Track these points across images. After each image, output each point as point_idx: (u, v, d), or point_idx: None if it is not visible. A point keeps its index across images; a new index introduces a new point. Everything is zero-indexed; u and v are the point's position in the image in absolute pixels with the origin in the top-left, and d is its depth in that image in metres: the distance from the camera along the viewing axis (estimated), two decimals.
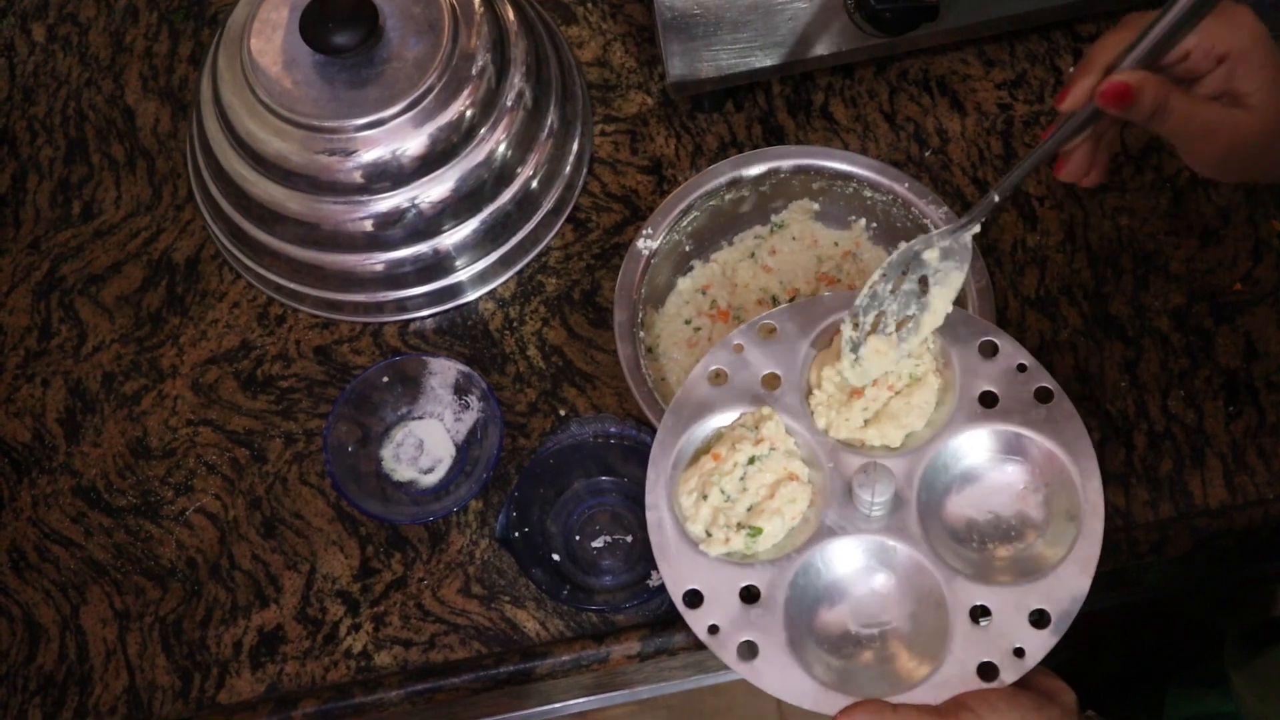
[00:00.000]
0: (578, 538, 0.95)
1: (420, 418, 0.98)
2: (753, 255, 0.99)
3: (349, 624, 0.93)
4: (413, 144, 0.94)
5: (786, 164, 0.96)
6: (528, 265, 1.02)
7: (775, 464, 0.81)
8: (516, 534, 0.90)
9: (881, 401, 0.82)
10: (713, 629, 0.77)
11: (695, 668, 1.20)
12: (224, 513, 0.97)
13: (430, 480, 0.97)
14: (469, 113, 0.96)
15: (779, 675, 0.76)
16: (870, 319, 0.83)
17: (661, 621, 0.91)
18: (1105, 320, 0.97)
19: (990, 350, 0.82)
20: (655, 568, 0.91)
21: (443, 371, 0.96)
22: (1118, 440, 0.93)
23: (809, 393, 0.83)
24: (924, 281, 0.83)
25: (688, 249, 0.98)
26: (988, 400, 0.81)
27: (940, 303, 0.83)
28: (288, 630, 0.94)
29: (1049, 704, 0.75)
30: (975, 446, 0.81)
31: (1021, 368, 0.82)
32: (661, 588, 0.89)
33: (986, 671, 0.75)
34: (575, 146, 1.04)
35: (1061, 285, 0.98)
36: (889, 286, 0.82)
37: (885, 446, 0.81)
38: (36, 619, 0.95)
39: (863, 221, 0.99)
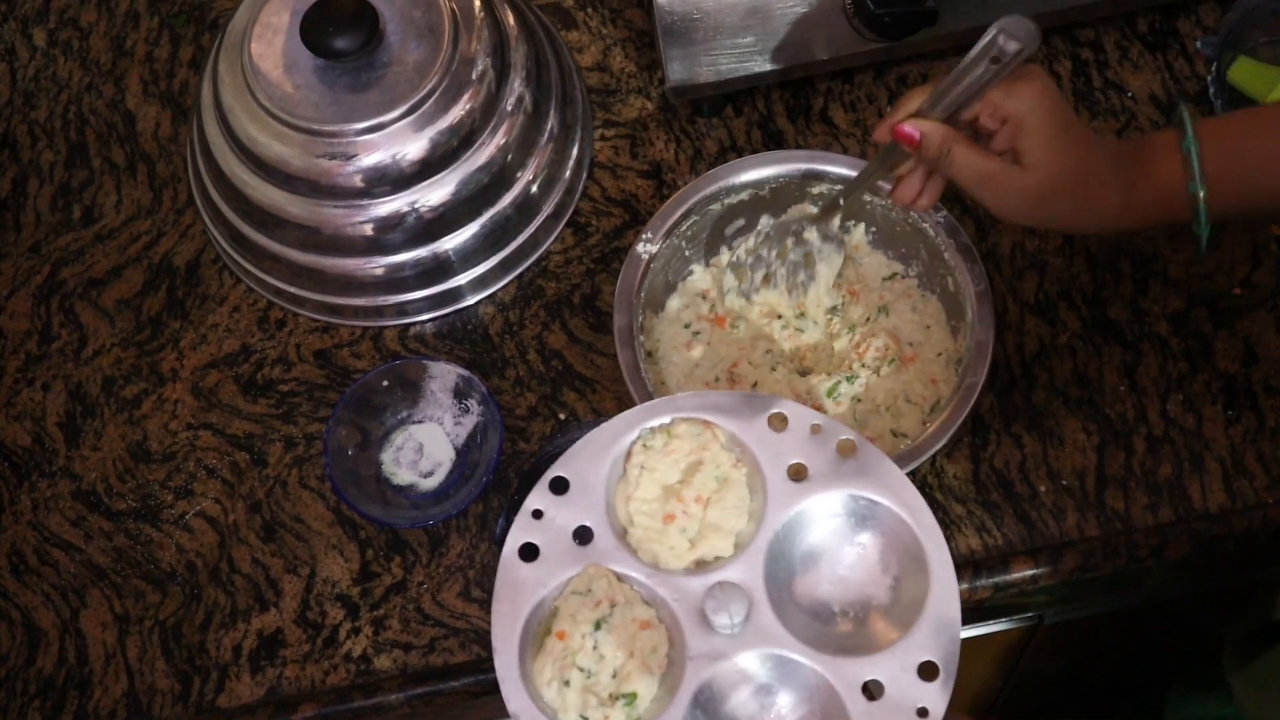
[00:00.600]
0: None
1: (420, 421, 0.98)
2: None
3: (349, 628, 0.93)
4: (413, 148, 0.94)
5: (788, 169, 0.96)
6: (528, 269, 1.03)
7: (622, 619, 0.77)
8: None
9: (697, 518, 0.79)
10: None
11: None
12: (224, 516, 0.97)
13: (430, 484, 0.97)
14: (469, 117, 0.96)
15: None
16: (759, 276, 0.97)
17: None
18: (1104, 324, 0.97)
19: (780, 421, 0.80)
20: None
21: (443, 375, 0.96)
22: (1117, 445, 0.94)
23: (624, 532, 0.79)
24: (809, 255, 0.96)
25: (687, 253, 0.98)
26: (797, 473, 0.79)
27: (826, 275, 0.97)
28: (287, 634, 0.94)
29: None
30: (803, 523, 0.79)
31: (815, 428, 0.79)
32: None
33: None
34: (575, 151, 1.04)
35: (1061, 289, 0.98)
36: (774, 252, 0.96)
37: (718, 559, 0.78)
38: (36, 622, 0.95)
39: (862, 226, 0.99)
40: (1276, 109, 0.86)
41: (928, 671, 0.74)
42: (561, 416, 0.98)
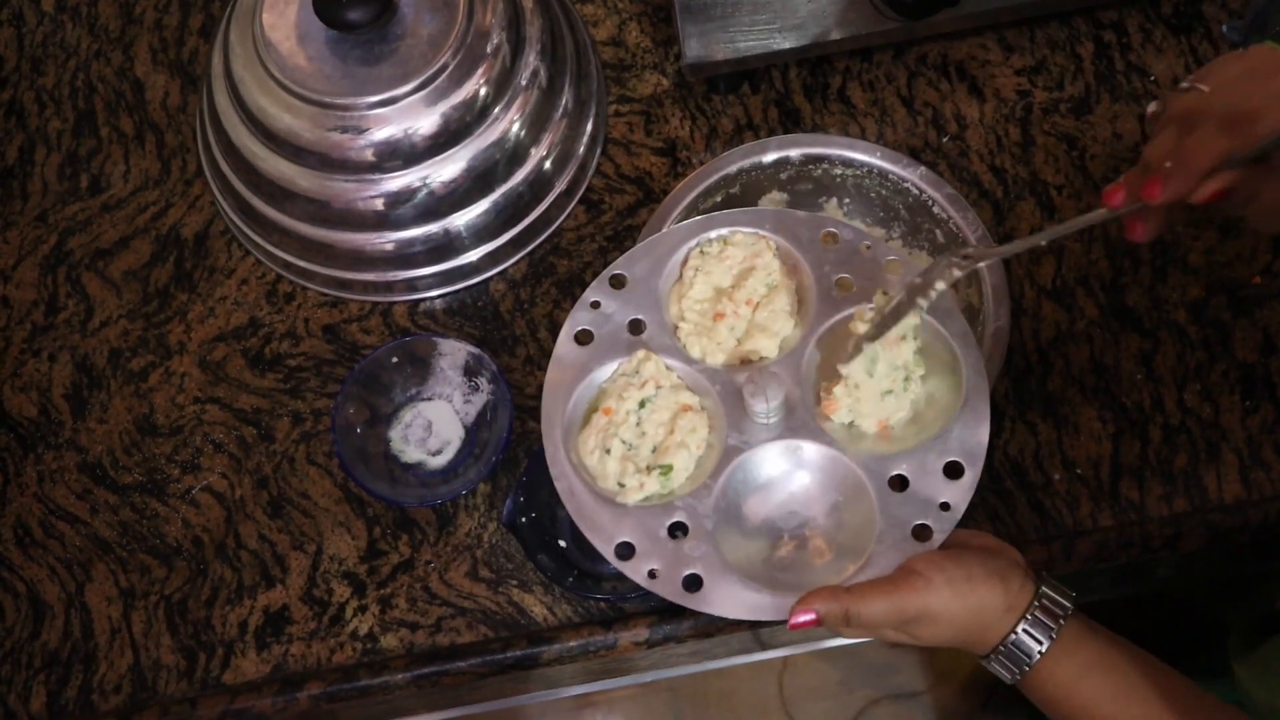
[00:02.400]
0: None
1: (429, 399, 0.97)
2: None
3: (355, 605, 0.93)
4: (425, 122, 0.93)
5: (758, 160, 0.96)
6: (539, 246, 1.01)
7: (666, 401, 0.82)
8: (524, 519, 0.90)
9: (745, 318, 0.84)
10: (652, 574, 0.78)
11: (703, 655, 1.19)
12: (230, 492, 0.96)
13: (438, 462, 0.96)
14: (483, 91, 0.95)
15: (729, 598, 0.77)
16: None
17: (671, 609, 0.91)
18: (1122, 312, 0.96)
19: (832, 239, 0.85)
20: None
21: (452, 353, 0.95)
22: (1133, 433, 0.93)
23: (675, 328, 0.84)
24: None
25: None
26: (844, 286, 0.84)
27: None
28: (293, 611, 0.93)
29: (995, 556, 0.76)
30: (839, 333, 0.83)
31: (866, 248, 0.84)
32: None
33: (921, 533, 0.77)
34: (589, 127, 1.03)
35: (1079, 275, 0.97)
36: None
37: (763, 359, 0.83)
38: (41, 596, 0.95)
39: (834, 201, 0.98)
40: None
41: (954, 471, 0.78)
42: None
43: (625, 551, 0.78)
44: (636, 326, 0.84)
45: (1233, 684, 1.00)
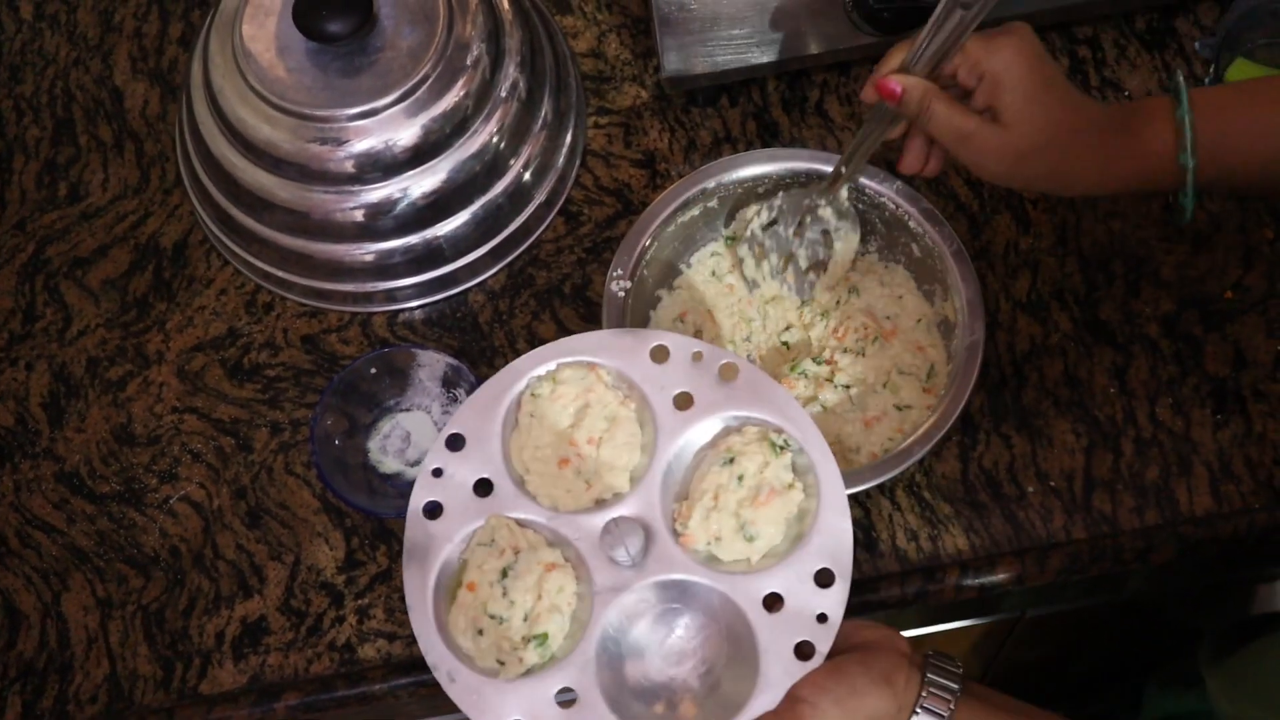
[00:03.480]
0: None
1: (408, 410, 0.98)
2: (714, 274, 0.99)
3: (333, 616, 0.93)
4: (405, 134, 0.94)
5: (736, 175, 0.95)
6: (518, 258, 1.02)
7: (528, 564, 0.79)
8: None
9: (591, 459, 0.81)
10: None
11: None
12: (208, 501, 0.97)
13: (417, 473, 0.96)
14: (463, 103, 0.95)
15: None
16: (778, 258, 0.95)
17: None
18: (1095, 325, 0.97)
19: (663, 354, 0.82)
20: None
21: (431, 364, 0.95)
22: (1105, 447, 0.94)
23: (522, 480, 0.81)
24: (826, 235, 0.94)
25: (651, 281, 0.96)
26: (683, 401, 0.81)
27: (845, 253, 0.95)
28: (271, 621, 0.93)
29: (876, 657, 0.75)
30: (693, 450, 0.81)
31: (696, 356, 0.81)
32: None
33: (803, 649, 0.75)
34: (569, 139, 1.03)
35: (1053, 289, 0.98)
36: (790, 231, 0.94)
37: (617, 495, 0.80)
38: (17, 605, 0.95)
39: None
40: (1268, 82, 0.85)
41: (824, 578, 0.76)
42: None
43: None
44: (483, 487, 0.80)
45: (1205, 691, 1.02)
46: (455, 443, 0.81)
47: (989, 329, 0.95)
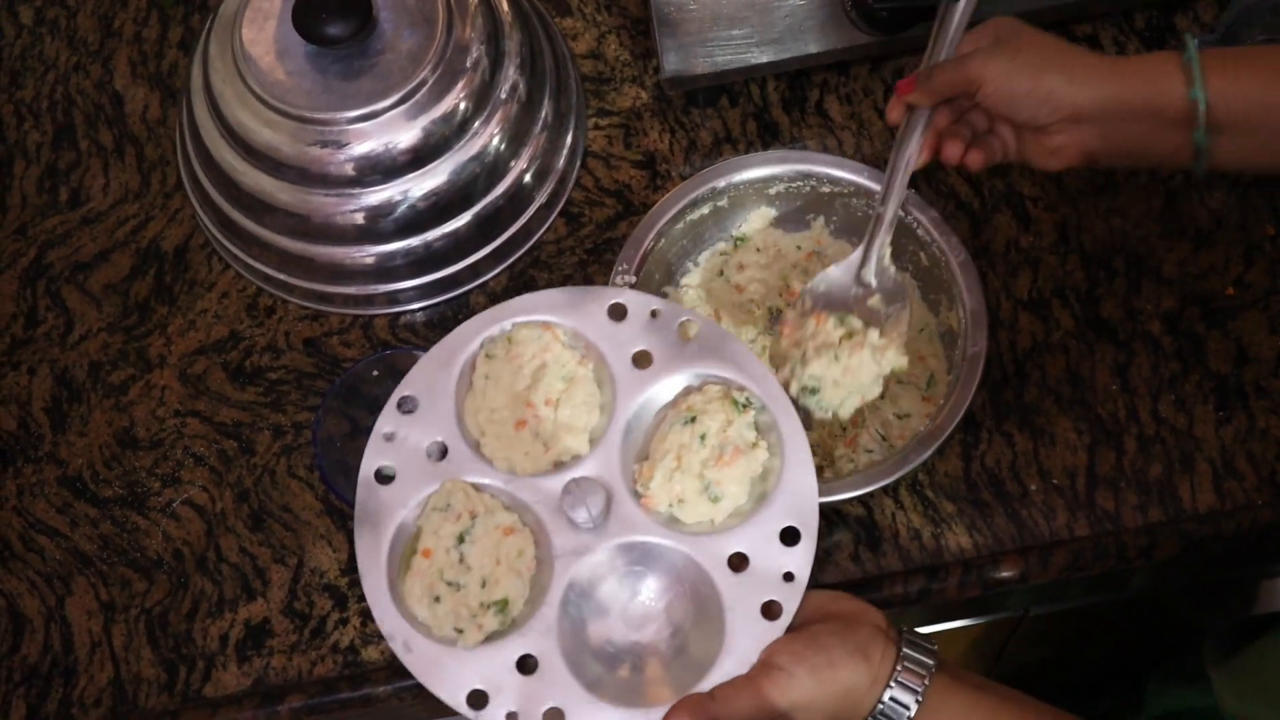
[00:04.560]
0: None
1: (410, 412, 0.97)
2: (721, 273, 0.98)
3: (336, 618, 0.93)
4: (405, 137, 0.94)
5: (745, 176, 0.95)
6: (520, 259, 1.02)
7: (485, 528, 0.78)
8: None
9: (549, 420, 0.80)
10: (511, 716, 0.74)
11: None
12: (211, 505, 0.97)
13: None
14: (463, 106, 0.95)
15: None
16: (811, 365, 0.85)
17: None
18: (1097, 323, 0.97)
19: (619, 312, 0.82)
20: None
21: None
22: (1108, 444, 0.94)
23: (477, 444, 0.80)
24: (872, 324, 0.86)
25: (657, 278, 0.96)
26: (642, 359, 0.81)
27: (899, 341, 0.85)
28: (274, 624, 0.93)
29: (852, 629, 0.75)
30: (652, 409, 0.81)
31: (654, 314, 0.81)
32: None
33: (770, 609, 0.75)
34: (569, 140, 1.03)
35: (1054, 287, 0.98)
36: (816, 335, 0.85)
37: (575, 456, 0.80)
38: (21, 610, 0.95)
39: (821, 219, 0.99)
40: (1273, 48, 0.86)
41: (789, 537, 0.76)
42: None
43: (478, 700, 0.75)
44: (438, 451, 0.79)
45: (1208, 688, 1.02)
46: (407, 404, 0.80)
47: (991, 329, 0.95)
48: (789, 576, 0.75)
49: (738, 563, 0.76)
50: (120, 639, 0.94)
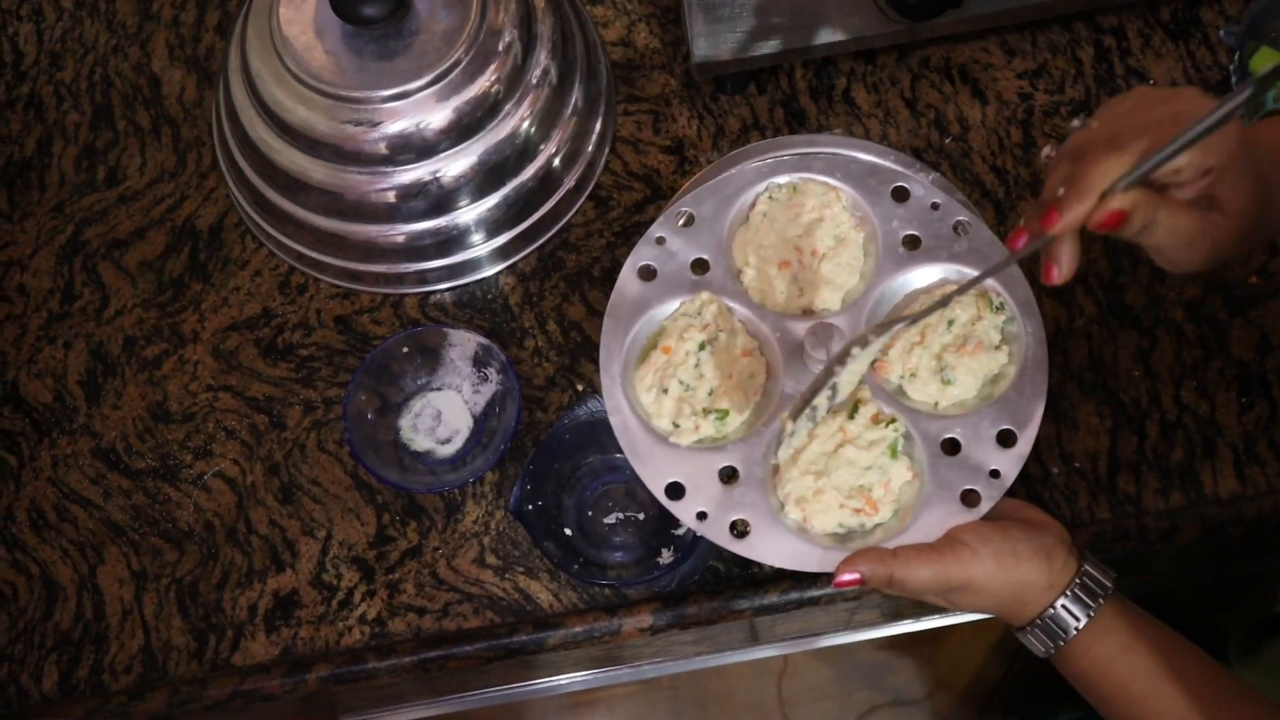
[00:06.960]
0: (590, 513, 0.96)
1: (439, 389, 0.99)
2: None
3: (364, 590, 0.94)
4: (437, 117, 0.95)
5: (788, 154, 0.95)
6: (549, 241, 1.03)
7: (727, 345, 0.82)
8: (530, 507, 0.91)
9: (811, 269, 0.84)
10: (701, 515, 0.78)
11: (708, 643, 1.21)
12: (242, 478, 0.98)
13: (447, 451, 0.98)
14: (494, 88, 0.96)
15: (775, 546, 0.78)
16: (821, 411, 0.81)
17: (674, 596, 0.92)
18: (1120, 309, 0.98)
19: (903, 195, 0.85)
20: (666, 545, 0.92)
21: (462, 343, 0.97)
22: (1130, 429, 0.94)
23: (739, 272, 0.84)
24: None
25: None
26: (911, 243, 0.84)
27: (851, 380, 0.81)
28: (303, 595, 0.95)
29: (1042, 533, 0.77)
30: (913, 283, 0.84)
31: (935, 205, 0.84)
32: (672, 565, 0.90)
33: (968, 498, 0.78)
34: (598, 125, 1.05)
35: (1078, 273, 0.98)
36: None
37: (825, 310, 0.83)
38: (54, 577, 0.96)
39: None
40: None
41: (1005, 439, 0.79)
42: (579, 388, 0.98)
43: (675, 492, 0.79)
44: (700, 266, 0.84)
45: None
46: (685, 219, 0.85)
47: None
48: (995, 474, 0.78)
49: (949, 448, 0.79)
50: (151, 608, 0.95)
